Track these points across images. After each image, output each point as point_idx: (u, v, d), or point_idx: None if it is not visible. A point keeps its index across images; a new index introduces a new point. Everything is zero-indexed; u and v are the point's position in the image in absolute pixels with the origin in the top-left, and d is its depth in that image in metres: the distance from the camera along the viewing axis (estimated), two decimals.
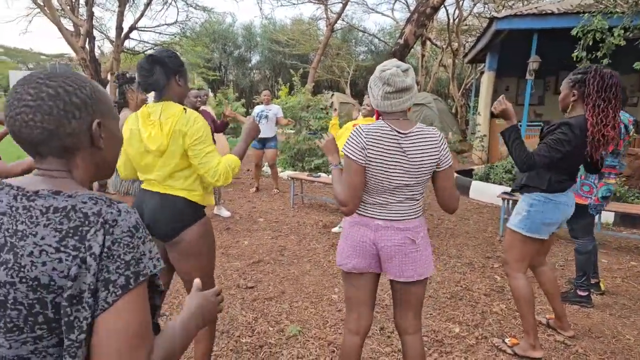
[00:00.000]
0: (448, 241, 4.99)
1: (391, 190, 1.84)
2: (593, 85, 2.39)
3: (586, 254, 3.34)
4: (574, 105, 2.52)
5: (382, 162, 1.79)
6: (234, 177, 2.18)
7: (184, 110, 1.99)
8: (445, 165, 1.85)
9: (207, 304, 1.10)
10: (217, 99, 14.91)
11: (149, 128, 1.98)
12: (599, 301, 3.49)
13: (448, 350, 2.73)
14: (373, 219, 1.88)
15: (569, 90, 2.54)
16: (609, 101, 2.37)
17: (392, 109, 1.83)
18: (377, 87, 1.83)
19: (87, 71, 11.57)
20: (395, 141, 1.78)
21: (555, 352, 2.73)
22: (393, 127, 1.80)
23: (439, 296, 3.51)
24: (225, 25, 26.17)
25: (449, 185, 1.88)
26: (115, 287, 0.79)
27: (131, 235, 0.83)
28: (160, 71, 1.97)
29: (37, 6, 12.65)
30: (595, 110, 2.38)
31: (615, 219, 5.67)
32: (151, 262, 0.85)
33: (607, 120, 2.36)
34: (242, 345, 2.78)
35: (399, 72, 1.79)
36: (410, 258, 1.87)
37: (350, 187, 1.82)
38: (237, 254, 4.44)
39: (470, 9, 19.00)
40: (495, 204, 6.61)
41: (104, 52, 21.80)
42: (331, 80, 24.60)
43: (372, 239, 1.87)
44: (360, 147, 1.79)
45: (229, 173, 2.05)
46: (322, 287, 3.67)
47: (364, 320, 2.02)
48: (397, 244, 1.85)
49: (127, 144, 2.09)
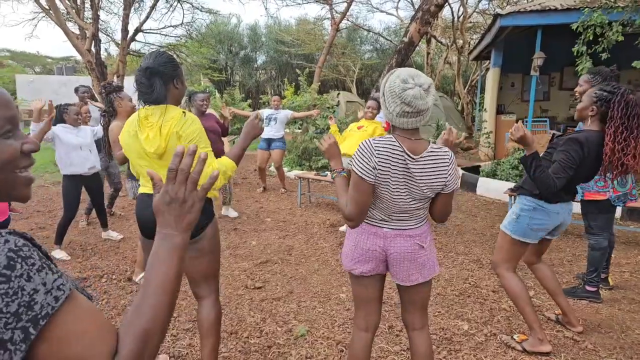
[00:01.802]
0: (456, 238, 4.98)
1: (396, 207, 1.84)
2: (617, 111, 2.35)
3: (600, 250, 3.32)
4: (592, 119, 2.52)
5: (389, 183, 1.78)
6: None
7: (183, 113, 2.00)
8: (450, 188, 1.85)
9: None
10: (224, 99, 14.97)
11: (147, 130, 1.98)
12: (608, 296, 3.48)
13: (457, 348, 2.73)
14: (381, 228, 1.89)
15: (589, 104, 2.52)
16: (631, 130, 2.34)
17: (406, 127, 1.77)
18: (395, 104, 1.73)
19: (93, 74, 11.64)
20: (404, 165, 1.75)
21: (565, 348, 2.73)
22: (404, 147, 1.75)
23: (447, 294, 3.51)
24: (230, 26, 26.22)
25: (448, 203, 1.90)
26: (14, 345, 0.64)
27: (5, 280, 0.64)
28: (160, 83, 1.96)
29: (43, 10, 12.75)
30: (616, 137, 2.35)
31: (622, 213, 5.65)
32: (50, 296, 0.68)
33: (627, 150, 2.34)
34: (250, 346, 2.79)
35: (421, 93, 1.68)
36: (418, 263, 1.89)
37: (358, 204, 1.79)
38: (245, 255, 4.47)
39: (475, 6, 18.92)
40: (502, 200, 6.59)
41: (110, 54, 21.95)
42: (337, 79, 24.58)
43: (382, 246, 1.89)
44: (371, 166, 1.74)
45: (221, 177, 2.02)
46: (330, 286, 3.68)
47: (373, 317, 2.03)
48: (408, 251, 1.87)
49: (127, 149, 2.10)
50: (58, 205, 6.37)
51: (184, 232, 0.87)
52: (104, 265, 4.21)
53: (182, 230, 0.87)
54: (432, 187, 1.80)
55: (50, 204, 6.78)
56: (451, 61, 20.70)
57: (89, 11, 13.51)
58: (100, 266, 4.17)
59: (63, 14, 12.45)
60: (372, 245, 1.89)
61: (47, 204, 6.81)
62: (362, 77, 25.05)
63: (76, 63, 29.04)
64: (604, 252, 3.34)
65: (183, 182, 0.86)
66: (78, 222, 5.44)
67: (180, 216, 0.87)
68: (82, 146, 4.56)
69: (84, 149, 4.57)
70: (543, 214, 2.56)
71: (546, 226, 2.60)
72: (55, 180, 8.28)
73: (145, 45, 17.52)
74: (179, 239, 0.86)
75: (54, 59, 33.50)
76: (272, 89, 23.76)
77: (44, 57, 34.51)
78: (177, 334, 2.93)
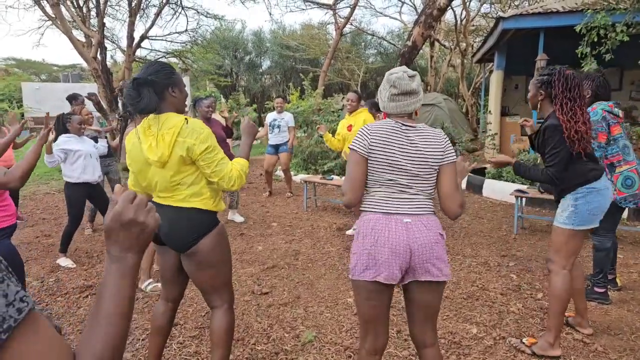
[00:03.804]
0: (463, 240, 4.97)
1: (398, 182, 1.84)
2: (559, 87, 2.54)
3: (604, 250, 3.32)
4: (542, 103, 2.67)
5: (385, 153, 1.83)
6: (247, 183, 2.22)
7: (185, 120, 1.98)
8: (448, 159, 1.88)
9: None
10: (229, 104, 15.04)
11: (149, 139, 1.98)
12: (616, 297, 3.46)
13: (466, 352, 2.72)
14: (397, 214, 1.83)
15: (536, 91, 2.68)
16: (574, 100, 2.51)
17: (397, 111, 1.92)
18: (385, 90, 1.93)
19: (99, 81, 11.71)
20: (403, 133, 1.87)
21: (574, 351, 2.71)
22: (399, 121, 1.89)
23: (455, 297, 3.50)
24: (235, 32, 26.37)
25: (450, 180, 1.87)
26: None
27: None
28: (150, 92, 1.94)
29: (49, 18, 12.85)
30: (563, 109, 2.52)
31: (629, 213, 5.62)
32: (12, 308, 0.63)
33: (576, 117, 2.49)
34: (258, 352, 2.78)
35: (405, 76, 1.89)
36: (438, 256, 1.84)
37: (351, 178, 1.89)
38: (252, 260, 4.47)
39: (477, 9, 18.91)
40: (508, 202, 6.57)
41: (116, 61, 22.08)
42: (342, 83, 24.63)
43: (405, 240, 1.79)
44: (362, 139, 1.88)
45: (242, 176, 2.09)
46: (337, 290, 3.68)
47: (381, 340, 1.95)
48: (432, 241, 1.82)
49: (130, 160, 2.10)
50: (63, 212, 6.39)
51: (138, 253, 0.85)
52: (99, 270, 4.21)
53: (136, 252, 0.84)
54: (431, 152, 1.85)
55: (56, 211, 6.83)
56: (455, 64, 20.67)
57: (94, 19, 13.62)
58: (98, 272, 4.16)
59: (69, 21, 12.55)
60: (394, 237, 1.79)
61: (52, 211, 6.85)
62: (367, 80, 25.08)
63: (82, 70, 29.23)
64: (607, 253, 3.34)
65: (142, 205, 0.85)
66: (83, 229, 5.46)
67: (138, 237, 0.84)
68: (92, 154, 4.60)
69: (92, 157, 4.61)
70: (597, 194, 2.58)
71: (604, 206, 2.62)
72: (60, 187, 8.33)
73: (151, 52, 17.63)
74: (133, 260, 0.83)
75: (60, 66, 33.75)
76: (277, 94, 23.85)
77: (50, 65, 34.79)
78: (184, 341, 2.93)
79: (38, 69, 33.87)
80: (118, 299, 0.79)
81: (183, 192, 2.03)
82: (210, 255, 2.07)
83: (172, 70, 2.06)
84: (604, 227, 3.31)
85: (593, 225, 2.63)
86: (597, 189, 2.57)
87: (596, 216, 2.61)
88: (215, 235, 2.09)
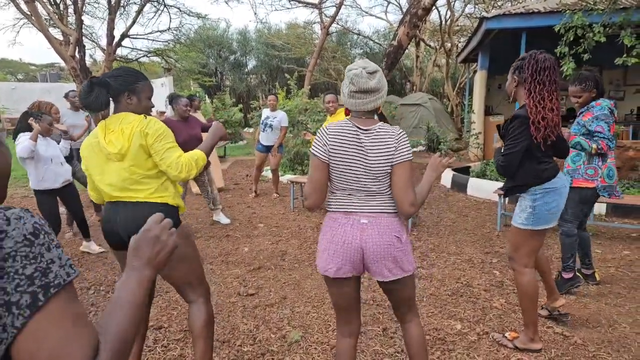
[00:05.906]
0: (447, 238, 5.03)
1: (358, 184, 1.88)
2: (528, 69, 2.46)
3: (572, 237, 3.44)
4: (517, 91, 2.59)
5: (343, 156, 1.87)
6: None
7: (144, 117, 2.08)
8: (399, 159, 1.85)
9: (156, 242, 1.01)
10: (214, 104, 14.95)
11: (109, 135, 2.04)
12: (595, 291, 3.55)
13: (450, 348, 2.77)
14: (354, 213, 1.89)
15: (511, 78, 2.61)
16: (543, 84, 2.42)
17: (355, 108, 1.91)
18: (345, 86, 1.92)
19: (77, 80, 11.51)
20: (356, 136, 1.87)
21: (555, 344, 2.77)
22: (355, 124, 1.88)
23: (440, 294, 3.54)
24: (219, 30, 26.19)
25: (400, 180, 1.86)
26: (19, 309, 0.68)
27: (29, 244, 0.71)
28: (101, 92, 2.00)
29: (24, 16, 12.58)
30: (531, 93, 2.44)
31: (607, 210, 5.79)
32: (63, 270, 0.75)
33: (544, 103, 2.41)
34: (244, 354, 2.78)
35: (363, 73, 1.84)
36: (395, 257, 1.88)
37: (313, 181, 1.92)
38: (237, 261, 4.46)
39: (462, 10, 19.11)
40: (492, 200, 6.66)
41: (96, 60, 21.78)
42: (328, 82, 24.62)
43: (358, 240, 1.87)
44: (322, 143, 1.89)
45: (192, 165, 2.10)
46: (324, 290, 3.69)
47: (354, 325, 2.10)
48: (386, 244, 1.86)
49: (86, 162, 2.13)
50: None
51: (154, 269, 0.98)
52: (91, 276, 4.14)
53: (153, 267, 0.98)
54: (381, 157, 1.84)
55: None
56: (440, 64, 20.88)
57: (72, 16, 13.40)
58: (87, 277, 4.11)
59: (45, 19, 12.32)
60: (348, 237, 1.87)
61: None
62: None
63: (60, 70, 28.81)
64: (575, 238, 3.45)
65: (166, 227, 1.03)
66: (64, 233, 5.38)
67: (158, 254, 0.99)
68: (53, 158, 4.32)
69: (54, 161, 4.33)
70: (554, 194, 2.56)
71: (561, 204, 2.61)
72: None
73: (133, 50, 17.45)
74: (150, 274, 0.97)
75: (38, 65, 33.23)
76: (263, 93, 23.76)
77: (27, 64, 34.22)
78: (168, 344, 2.90)
79: (15, 68, 33.28)
80: (132, 298, 0.90)
81: (144, 186, 2.07)
82: (180, 250, 2.08)
83: (136, 79, 2.10)
84: (574, 213, 3.41)
85: (552, 224, 2.63)
86: (555, 188, 2.56)
87: (555, 215, 2.62)
88: (181, 230, 2.15)
